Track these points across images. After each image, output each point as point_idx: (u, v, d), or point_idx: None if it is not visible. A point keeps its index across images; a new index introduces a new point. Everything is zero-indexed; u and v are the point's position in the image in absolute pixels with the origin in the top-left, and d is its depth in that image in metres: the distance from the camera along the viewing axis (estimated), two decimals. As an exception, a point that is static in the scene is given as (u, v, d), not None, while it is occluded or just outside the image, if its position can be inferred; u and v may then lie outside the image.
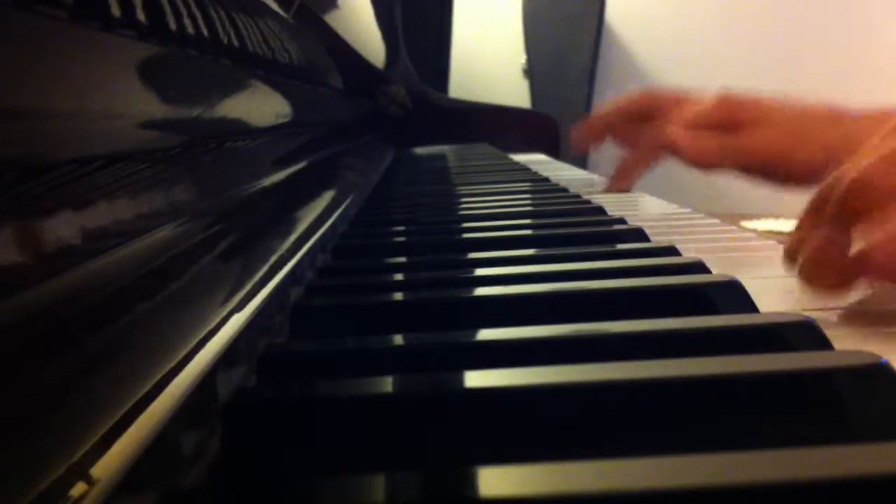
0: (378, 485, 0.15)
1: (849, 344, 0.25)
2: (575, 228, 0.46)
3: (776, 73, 2.23)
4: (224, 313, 0.23)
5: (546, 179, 0.78)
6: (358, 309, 0.29)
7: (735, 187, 0.63)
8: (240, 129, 0.39)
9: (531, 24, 2.44)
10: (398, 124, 1.34)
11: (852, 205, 0.32)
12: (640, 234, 0.43)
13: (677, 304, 0.28)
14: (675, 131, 0.70)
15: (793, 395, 0.19)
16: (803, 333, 0.23)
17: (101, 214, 0.20)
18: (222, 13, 0.32)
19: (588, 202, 0.58)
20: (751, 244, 0.46)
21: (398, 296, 0.31)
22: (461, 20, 1.85)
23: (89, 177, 0.21)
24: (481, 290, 0.31)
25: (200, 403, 0.19)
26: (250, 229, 0.32)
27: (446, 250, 0.42)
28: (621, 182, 0.77)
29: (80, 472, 0.13)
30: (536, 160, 1.11)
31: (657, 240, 0.42)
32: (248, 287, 0.26)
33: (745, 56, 2.35)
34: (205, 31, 0.30)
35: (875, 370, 0.19)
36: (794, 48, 2.34)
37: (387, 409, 0.19)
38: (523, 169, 0.92)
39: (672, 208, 0.64)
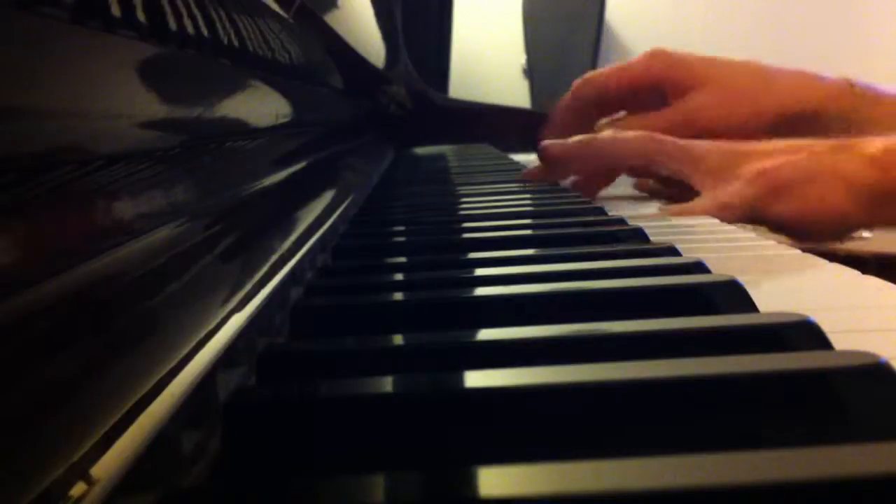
0: (378, 485, 0.15)
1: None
2: (575, 228, 0.46)
3: (776, 73, 2.22)
4: (224, 313, 0.23)
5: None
6: (358, 309, 0.29)
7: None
8: (240, 129, 0.39)
9: (531, 24, 2.44)
10: (398, 124, 1.34)
11: None
12: (639, 234, 0.43)
13: (677, 304, 0.28)
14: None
15: (792, 395, 0.19)
16: (803, 333, 0.23)
17: (101, 214, 0.20)
18: (222, 13, 0.32)
19: (588, 202, 0.58)
20: (750, 244, 0.46)
21: (398, 296, 0.31)
22: (461, 20, 1.85)
23: (89, 177, 0.21)
24: (481, 290, 0.31)
25: (200, 403, 0.19)
26: (250, 229, 0.32)
27: (446, 250, 0.42)
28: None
29: (80, 472, 0.13)
30: (536, 160, 1.10)
31: (656, 240, 0.42)
32: (248, 287, 0.26)
33: (746, 56, 2.35)
34: (205, 31, 0.30)
35: (875, 370, 0.19)
36: (794, 48, 2.34)
37: (387, 409, 0.19)
38: (523, 169, 0.92)
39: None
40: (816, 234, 0.60)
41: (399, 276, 0.35)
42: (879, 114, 0.66)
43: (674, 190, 0.67)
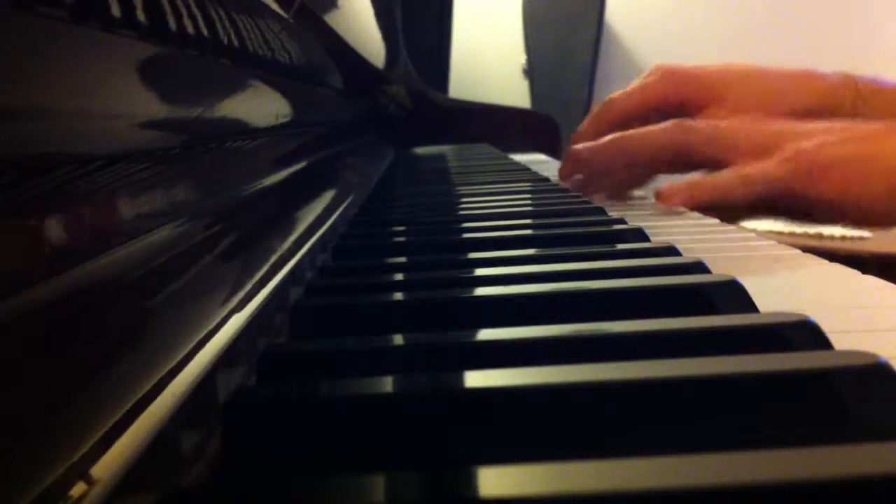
0: (378, 485, 0.15)
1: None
2: (575, 228, 0.46)
3: (776, 73, 2.22)
4: (224, 313, 0.23)
5: (546, 179, 0.78)
6: (358, 309, 0.29)
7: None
8: (240, 129, 0.39)
9: (531, 24, 2.44)
10: (398, 124, 1.34)
11: None
12: (640, 234, 0.43)
13: (677, 304, 0.28)
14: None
15: (792, 395, 0.19)
16: (803, 333, 0.23)
17: (101, 214, 0.20)
18: (222, 13, 0.32)
19: (588, 202, 0.57)
20: (750, 244, 0.46)
21: (398, 296, 0.31)
22: (461, 20, 1.85)
23: (89, 177, 0.21)
24: (481, 290, 0.31)
25: (200, 403, 0.19)
26: (250, 229, 0.32)
27: (446, 250, 0.42)
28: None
29: (80, 472, 0.13)
30: (536, 160, 1.11)
31: (659, 240, 0.42)
32: (248, 287, 0.26)
33: (746, 57, 2.35)
34: (205, 31, 0.30)
35: (875, 370, 0.19)
36: (794, 49, 2.34)
37: (386, 410, 0.19)
38: (523, 169, 0.92)
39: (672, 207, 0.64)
40: (856, 218, 0.58)
41: (399, 276, 0.35)
42: (882, 105, 0.66)
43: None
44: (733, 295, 0.28)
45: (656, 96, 0.76)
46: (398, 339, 0.25)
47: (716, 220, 0.55)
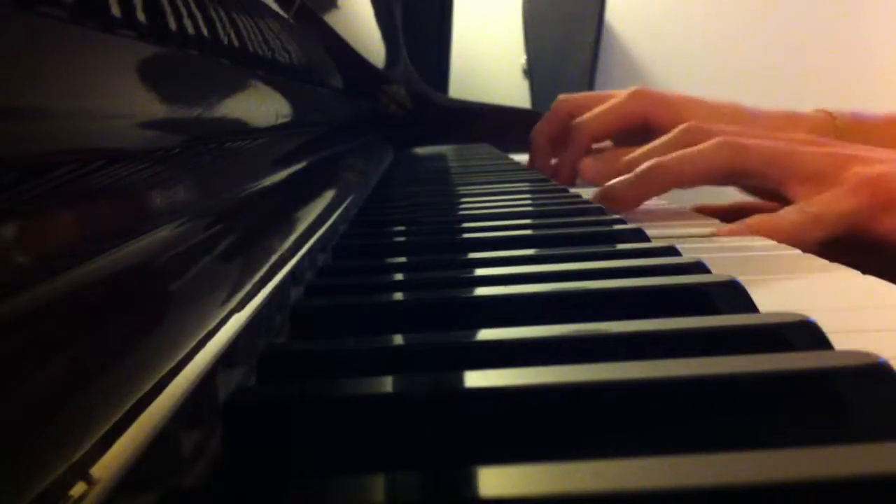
0: (378, 485, 0.15)
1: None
2: (575, 228, 0.46)
3: (776, 74, 2.23)
4: (224, 313, 0.23)
5: (546, 179, 0.78)
6: (358, 309, 0.29)
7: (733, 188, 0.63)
8: (240, 129, 0.39)
9: (531, 24, 2.44)
10: (398, 124, 1.34)
11: None
12: (640, 234, 0.43)
13: (677, 304, 0.28)
14: (584, 163, 0.72)
15: (793, 395, 0.19)
16: (803, 333, 0.23)
17: (102, 214, 0.20)
18: (222, 13, 0.32)
19: (588, 202, 0.57)
20: (750, 244, 0.46)
21: (398, 296, 0.31)
22: (461, 20, 1.85)
23: (89, 177, 0.21)
24: (481, 290, 0.31)
25: (200, 403, 0.19)
26: (250, 229, 0.32)
27: (446, 250, 0.42)
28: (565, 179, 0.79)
29: (80, 472, 0.13)
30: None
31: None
32: (248, 287, 0.26)
33: (746, 56, 2.35)
34: (205, 31, 0.30)
35: (875, 370, 0.19)
36: (794, 49, 2.34)
37: (387, 410, 0.19)
38: (523, 169, 0.92)
39: (674, 206, 0.64)
40: None
41: (399, 276, 0.35)
42: (863, 136, 0.64)
43: (773, 203, 0.58)
44: (733, 295, 0.28)
45: (623, 117, 0.77)
46: (398, 340, 0.25)
47: (716, 220, 0.55)
